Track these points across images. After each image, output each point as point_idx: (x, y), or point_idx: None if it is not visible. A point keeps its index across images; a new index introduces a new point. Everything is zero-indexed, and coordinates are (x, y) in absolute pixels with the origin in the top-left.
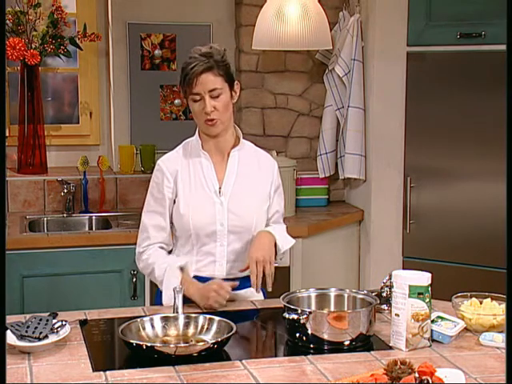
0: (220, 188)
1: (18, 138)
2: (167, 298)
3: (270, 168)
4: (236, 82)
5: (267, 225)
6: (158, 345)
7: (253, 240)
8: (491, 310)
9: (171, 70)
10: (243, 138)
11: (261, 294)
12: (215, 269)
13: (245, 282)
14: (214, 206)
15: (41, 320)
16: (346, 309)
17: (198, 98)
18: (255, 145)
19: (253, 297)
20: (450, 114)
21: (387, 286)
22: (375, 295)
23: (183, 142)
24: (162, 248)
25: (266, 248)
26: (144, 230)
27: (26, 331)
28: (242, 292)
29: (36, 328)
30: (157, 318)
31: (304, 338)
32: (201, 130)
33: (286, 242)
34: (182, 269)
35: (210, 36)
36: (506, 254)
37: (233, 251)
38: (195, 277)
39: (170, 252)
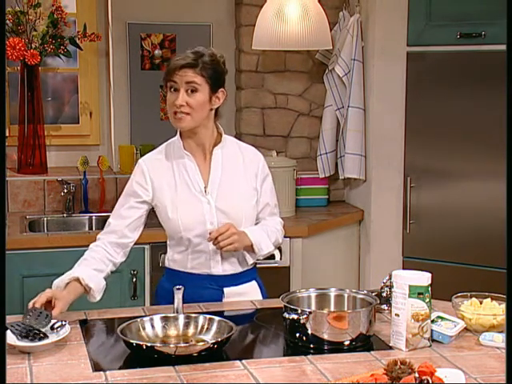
0: (206, 187)
1: (18, 138)
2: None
3: (255, 161)
4: (222, 89)
5: (258, 218)
6: (158, 345)
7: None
8: (491, 310)
9: None
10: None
11: (259, 293)
12: (211, 266)
13: (241, 278)
14: (202, 205)
15: (41, 313)
16: (345, 309)
17: (174, 85)
18: (239, 140)
19: (250, 293)
20: (450, 113)
21: (387, 286)
22: (375, 295)
23: (165, 143)
24: (109, 244)
25: (238, 238)
26: (108, 221)
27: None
28: (239, 287)
29: (37, 319)
30: (157, 318)
31: (304, 338)
32: (171, 122)
33: (263, 247)
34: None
35: (210, 36)
36: (506, 254)
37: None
38: (192, 274)
39: (122, 247)
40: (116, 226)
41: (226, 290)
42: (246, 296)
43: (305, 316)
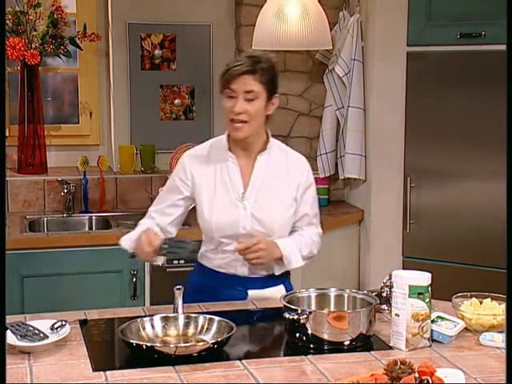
0: (244, 193)
1: (18, 138)
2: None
3: (300, 171)
4: (277, 95)
5: (294, 227)
6: (158, 345)
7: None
8: (491, 310)
9: (171, 69)
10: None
11: (283, 289)
12: (237, 268)
13: (268, 281)
14: (238, 210)
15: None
16: (345, 309)
17: (232, 94)
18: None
19: (276, 298)
20: (450, 113)
21: (387, 286)
22: (375, 295)
23: (210, 141)
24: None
25: (266, 253)
26: (147, 215)
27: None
28: (265, 291)
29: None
30: (157, 318)
31: (304, 337)
32: (226, 129)
33: (292, 261)
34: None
35: (210, 36)
36: (506, 254)
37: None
38: (219, 273)
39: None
40: (158, 221)
41: (250, 292)
42: (271, 300)
43: (305, 316)
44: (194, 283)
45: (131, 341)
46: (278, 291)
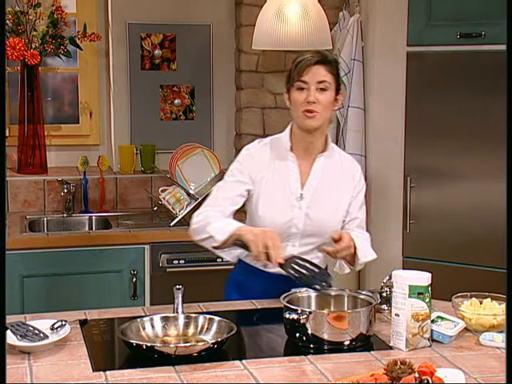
0: (302, 194)
1: (18, 138)
2: (216, 231)
3: (353, 173)
4: (341, 91)
5: (343, 229)
6: (158, 345)
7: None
8: (491, 309)
9: (171, 69)
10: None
11: None
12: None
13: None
14: (293, 210)
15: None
16: (345, 309)
17: (303, 86)
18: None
19: None
20: (450, 113)
21: (387, 286)
22: (375, 295)
23: (270, 138)
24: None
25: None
26: (212, 198)
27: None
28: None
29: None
30: (157, 318)
31: (304, 337)
32: (297, 123)
33: (367, 253)
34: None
35: (210, 36)
36: (506, 254)
37: (302, 251)
38: (264, 272)
39: None
40: (224, 209)
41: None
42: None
43: (305, 316)
44: (237, 282)
45: (131, 341)
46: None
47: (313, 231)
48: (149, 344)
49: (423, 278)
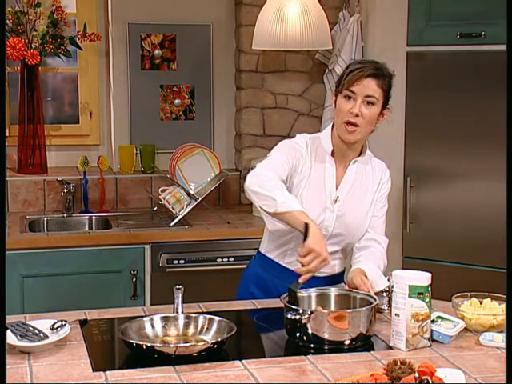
0: (338, 197)
1: (18, 138)
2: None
3: (378, 175)
4: (389, 107)
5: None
6: (158, 345)
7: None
8: (491, 309)
9: (171, 69)
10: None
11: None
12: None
13: (330, 280)
14: (325, 212)
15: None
16: (345, 309)
17: (351, 95)
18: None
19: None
20: (450, 114)
21: (387, 286)
22: (375, 295)
23: (309, 136)
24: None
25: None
26: (273, 158)
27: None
28: None
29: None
30: (157, 318)
31: (304, 337)
32: (337, 131)
33: (379, 282)
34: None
35: (210, 36)
36: (506, 254)
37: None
38: (285, 268)
39: None
40: (284, 171)
41: None
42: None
43: (306, 316)
44: (255, 275)
45: (131, 341)
46: None
47: (341, 234)
48: (149, 344)
49: (423, 278)
